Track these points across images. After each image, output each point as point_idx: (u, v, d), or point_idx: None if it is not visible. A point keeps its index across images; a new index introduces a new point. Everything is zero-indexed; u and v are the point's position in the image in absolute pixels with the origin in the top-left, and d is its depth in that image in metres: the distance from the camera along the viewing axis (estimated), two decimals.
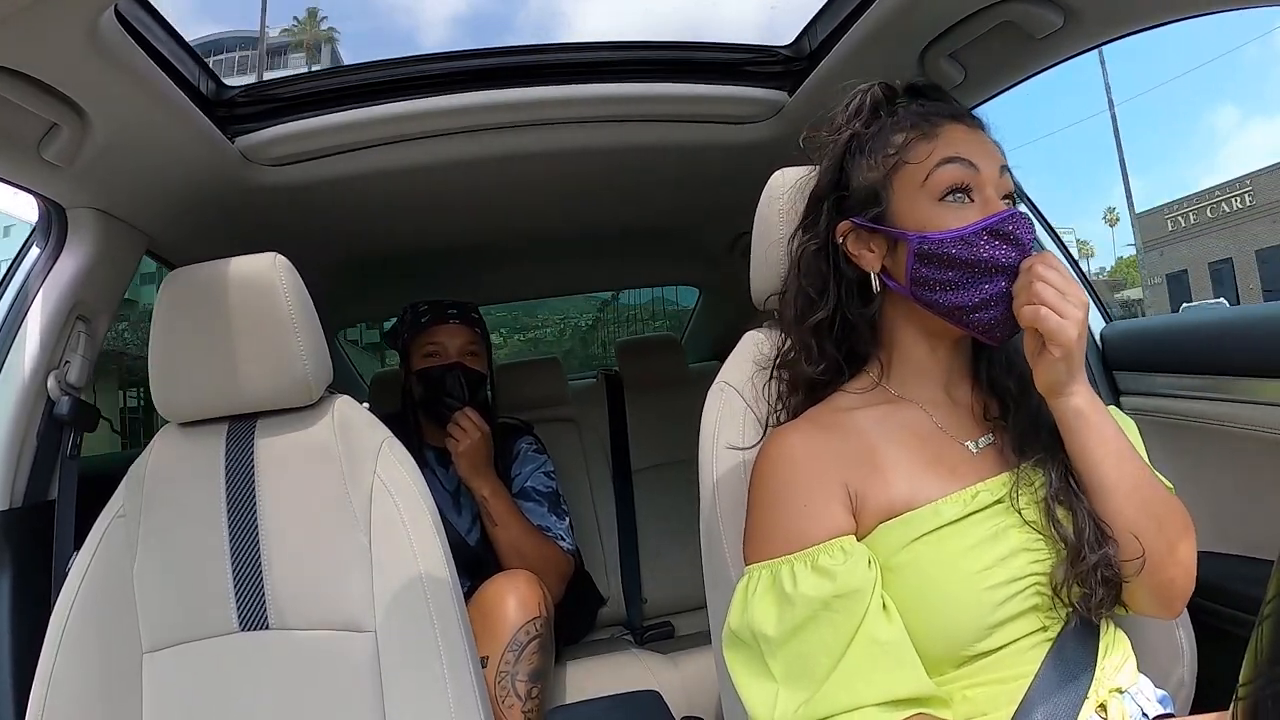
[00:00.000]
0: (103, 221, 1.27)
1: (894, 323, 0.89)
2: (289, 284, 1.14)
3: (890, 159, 0.85)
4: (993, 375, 0.88)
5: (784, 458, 0.83)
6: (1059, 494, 0.80)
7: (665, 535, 2.12)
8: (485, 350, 1.84)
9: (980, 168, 0.82)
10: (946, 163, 0.82)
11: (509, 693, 1.41)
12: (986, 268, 0.80)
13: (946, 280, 0.81)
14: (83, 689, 1.07)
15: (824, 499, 0.80)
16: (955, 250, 0.80)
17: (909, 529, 0.79)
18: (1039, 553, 0.79)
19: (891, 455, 0.83)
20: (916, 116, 0.86)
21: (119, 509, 1.15)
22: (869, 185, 0.86)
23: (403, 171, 1.50)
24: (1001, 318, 0.80)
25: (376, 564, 1.12)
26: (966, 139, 0.84)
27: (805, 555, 0.77)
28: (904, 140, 0.85)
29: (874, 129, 0.87)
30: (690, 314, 2.98)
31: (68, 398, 1.25)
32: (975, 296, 0.80)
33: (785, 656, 0.75)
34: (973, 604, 0.76)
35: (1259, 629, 0.45)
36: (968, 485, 0.81)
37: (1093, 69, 23.59)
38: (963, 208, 0.82)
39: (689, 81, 1.44)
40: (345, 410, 1.20)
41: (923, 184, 0.83)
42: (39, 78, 0.94)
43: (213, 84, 1.28)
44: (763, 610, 0.77)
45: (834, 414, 0.88)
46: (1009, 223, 0.80)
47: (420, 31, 46.86)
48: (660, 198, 1.91)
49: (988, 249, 0.80)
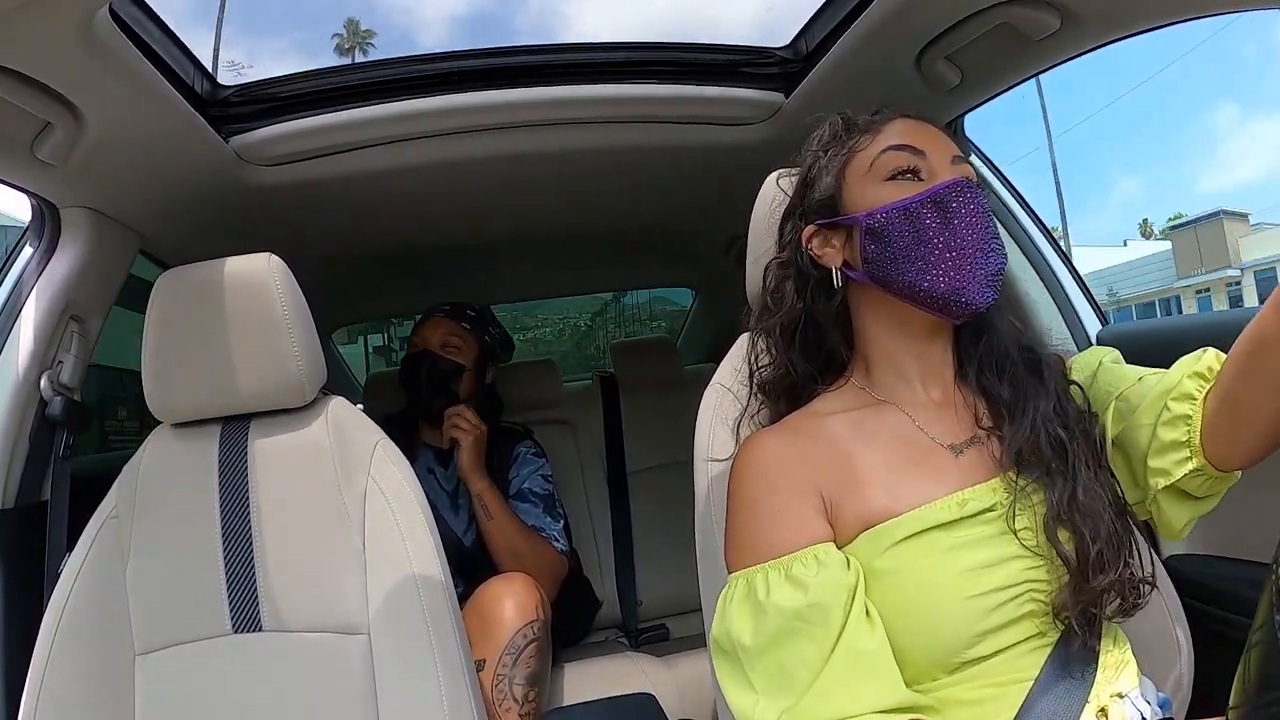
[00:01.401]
0: (96, 221, 1.26)
1: (863, 319, 0.89)
2: (283, 285, 1.14)
3: (840, 157, 0.88)
4: (983, 380, 0.87)
5: (757, 464, 0.83)
6: (1063, 514, 0.77)
7: (660, 538, 2.11)
8: (474, 345, 1.83)
9: (928, 153, 0.84)
10: (893, 149, 0.84)
11: (506, 696, 1.40)
12: (932, 239, 0.80)
13: (895, 254, 0.81)
14: (75, 691, 1.06)
15: (798, 506, 0.79)
16: (899, 221, 0.81)
17: (891, 535, 0.78)
18: (1032, 559, 0.77)
19: (869, 461, 0.82)
20: (867, 122, 0.89)
21: (112, 510, 1.14)
22: (826, 188, 0.88)
23: (398, 172, 1.49)
24: (961, 285, 0.79)
25: (370, 566, 1.11)
26: (914, 130, 0.86)
27: (779, 564, 0.76)
28: (854, 140, 0.88)
29: (833, 150, 0.89)
30: (686, 316, 2.98)
31: (60, 398, 1.24)
32: (926, 270, 0.80)
33: (763, 667, 0.74)
34: (958, 612, 0.75)
35: (1247, 655, 0.45)
36: (953, 491, 0.80)
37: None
38: (910, 184, 0.83)
39: (685, 83, 1.44)
40: (339, 411, 1.19)
41: (869, 169, 0.85)
42: (32, 76, 0.93)
43: (208, 83, 1.27)
44: (740, 620, 0.76)
45: (810, 419, 0.87)
46: (951, 191, 0.80)
47: (417, 31, 46.96)
48: (656, 199, 1.91)
49: (932, 219, 0.80)
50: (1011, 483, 0.80)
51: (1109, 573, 0.75)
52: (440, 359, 1.77)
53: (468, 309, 1.85)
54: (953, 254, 0.79)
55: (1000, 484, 0.81)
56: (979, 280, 0.80)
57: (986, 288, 0.80)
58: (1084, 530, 0.76)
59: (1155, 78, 42.95)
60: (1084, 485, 0.79)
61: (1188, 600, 1.02)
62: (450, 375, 1.78)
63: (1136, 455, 0.82)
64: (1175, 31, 1.08)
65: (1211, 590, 1.11)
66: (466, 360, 1.80)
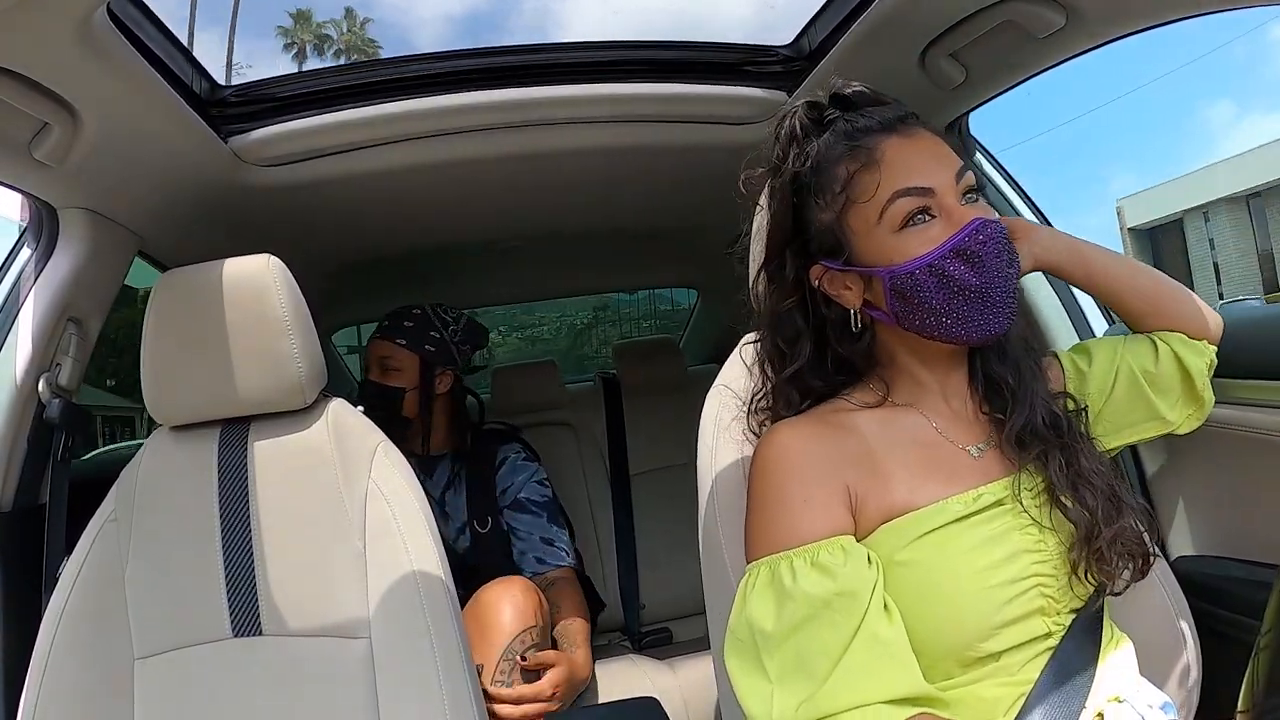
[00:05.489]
0: (94, 222, 1.25)
1: (888, 345, 0.88)
2: (283, 286, 1.13)
3: (839, 199, 0.82)
4: (988, 368, 0.88)
5: (782, 453, 0.82)
6: (1063, 482, 0.81)
7: (663, 540, 2.11)
8: (413, 360, 1.76)
9: (934, 186, 0.80)
10: (900, 196, 0.79)
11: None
12: (963, 289, 0.79)
13: (926, 309, 0.80)
14: (74, 696, 1.06)
15: (825, 495, 0.79)
16: (927, 279, 0.79)
17: (913, 528, 0.78)
18: (1040, 554, 0.79)
19: (892, 459, 0.83)
20: (848, 142, 0.82)
21: (110, 513, 1.14)
22: (826, 227, 0.84)
23: (398, 172, 1.49)
24: (989, 325, 0.80)
25: (371, 569, 1.11)
26: (908, 155, 0.81)
27: (806, 551, 0.76)
28: (847, 175, 0.81)
29: (812, 162, 0.84)
30: (688, 316, 2.97)
31: (58, 400, 1.23)
32: (959, 320, 0.80)
33: (782, 655, 0.73)
34: (978, 602, 0.76)
35: (1255, 659, 0.45)
36: (969, 488, 0.81)
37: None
38: (926, 228, 0.80)
39: (687, 82, 1.43)
40: (340, 413, 1.19)
41: (878, 221, 0.81)
42: (30, 76, 0.93)
43: (206, 83, 1.26)
44: (762, 606, 0.75)
45: (834, 413, 0.87)
46: (974, 239, 0.79)
47: (414, 30, 46.81)
48: (658, 199, 1.91)
49: (958, 270, 0.79)
50: (1020, 467, 0.83)
51: (1113, 524, 0.79)
52: (378, 386, 1.74)
53: (405, 320, 1.78)
54: (983, 298, 0.79)
55: (1012, 481, 0.82)
56: (1005, 313, 0.80)
57: (1008, 314, 0.81)
58: (1085, 494, 0.80)
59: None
60: (1085, 453, 0.84)
61: (1195, 601, 1.01)
62: (392, 400, 1.73)
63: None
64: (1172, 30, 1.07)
65: (1219, 592, 1.10)
66: (406, 381, 1.75)
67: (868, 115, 0.84)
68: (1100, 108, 51.49)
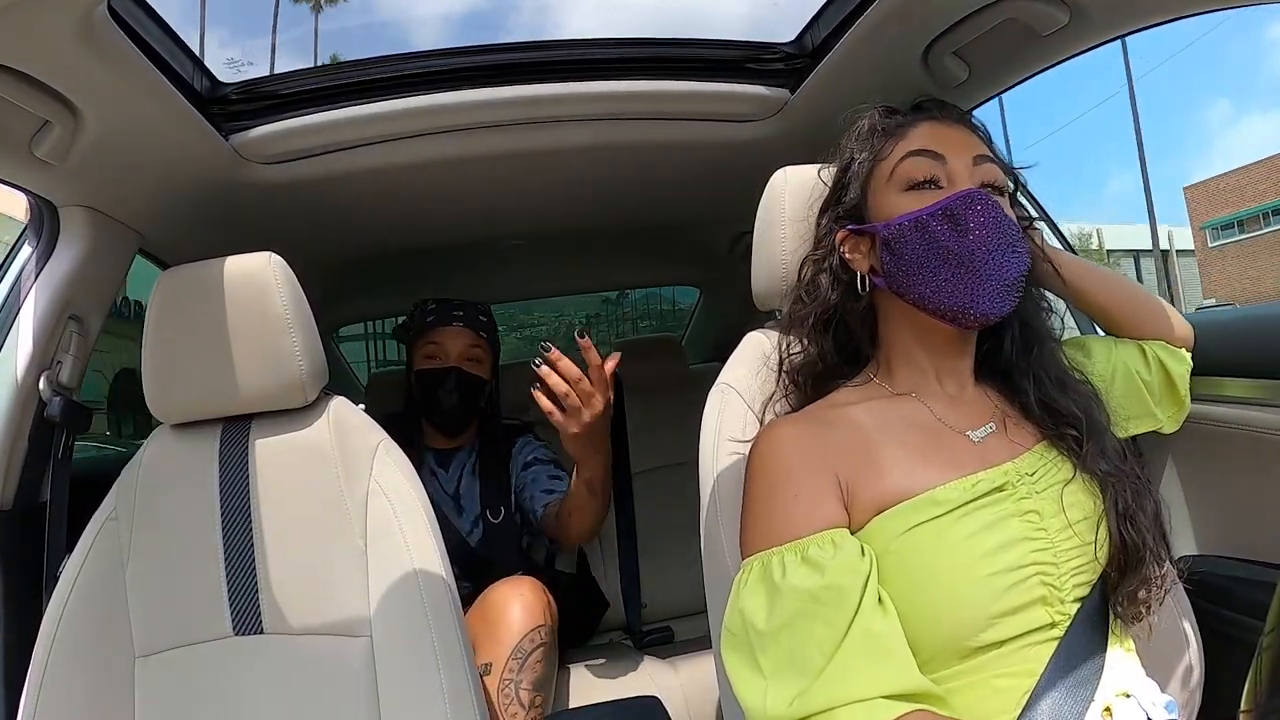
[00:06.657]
0: (95, 220, 1.25)
1: (887, 321, 0.91)
2: (284, 283, 1.13)
3: (866, 163, 0.90)
4: (1007, 367, 0.90)
5: (775, 449, 0.83)
6: (1092, 472, 0.83)
7: (665, 539, 2.10)
8: (491, 354, 1.81)
9: (948, 158, 0.84)
10: (911, 155, 0.85)
11: (512, 701, 1.39)
12: (944, 252, 0.80)
13: (908, 267, 0.83)
14: (75, 694, 1.05)
15: (815, 490, 0.80)
16: (912, 235, 0.82)
17: (906, 517, 0.78)
18: (1039, 542, 0.78)
19: (887, 448, 0.83)
20: (894, 124, 0.90)
21: (111, 512, 1.13)
22: (854, 193, 0.91)
23: (399, 169, 1.48)
24: (976, 302, 0.80)
25: (372, 567, 1.10)
26: (935, 132, 0.87)
27: (795, 546, 0.76)
28: (879, 144, 0.89)
29: (866, 148, 0.91)
30: (690, 314, 2.97)
31: (59, 398, 1.23)
32: (938, 284, 0.81)
33: (775, 650, 0.73)
34: (974, 591, 0.75)
35: (1259, 659, 0.45)
36: (967, 474, 0.81)
37: None
38: (927, 194, 0.84)
39: (689, 79, 1.42)
40: (341, 411, 1.19)
41: (890, 177, 0.86)
42: (30, 74, 0.92)
43: (207, 80, 1.26)
44: (754, 602, 0.76)
45: (829, 409, 0.89)
46: (964, 204, 0.80)
47: (413, 28, 46.74)
48: (660, 197, 1.90)
49: (942, 231, 0.81)
50: (1037, 456, 0.84)
51: (1158, 567, 0.81)
52: (467, 375, 1.74)
53: (480, 314, 1.81)
54: (965, 267, 0.80)
55: (1014, 467, 0.82)
56: (991, 292, 0.81)
57: (1001, 298, 0.81)
58: (1140, 521, 0.81)
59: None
60: (1110, 443, 0.86)
61: (1197, 601, 1.01)
62: (477, 391, 1.76)
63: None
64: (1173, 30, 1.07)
65: (1222, 592, 1.09)
66: (487, 373, 1.78)
67: (924, 109, 0.92)
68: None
